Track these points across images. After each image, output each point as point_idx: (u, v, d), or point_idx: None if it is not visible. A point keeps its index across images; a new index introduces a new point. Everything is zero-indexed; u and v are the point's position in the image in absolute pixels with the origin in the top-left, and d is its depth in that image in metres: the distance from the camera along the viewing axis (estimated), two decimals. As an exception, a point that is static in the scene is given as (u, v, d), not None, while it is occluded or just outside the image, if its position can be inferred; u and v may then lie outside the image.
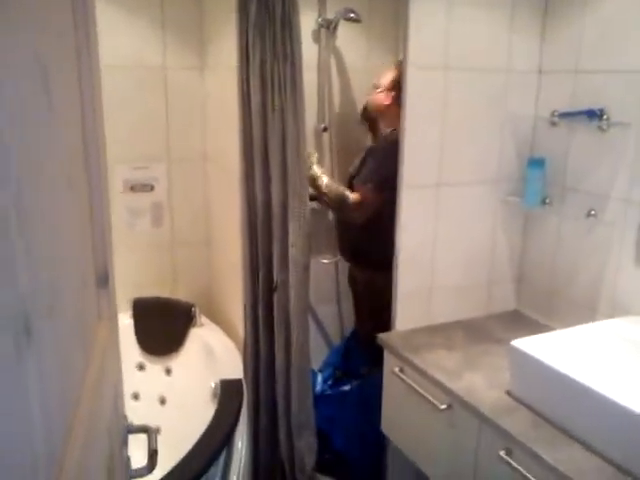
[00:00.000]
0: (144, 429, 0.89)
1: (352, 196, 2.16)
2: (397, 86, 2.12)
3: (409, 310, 1.91)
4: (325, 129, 2.57)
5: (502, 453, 1.38)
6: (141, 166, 2.33)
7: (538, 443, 1.33)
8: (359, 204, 2.14)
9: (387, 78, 2.20)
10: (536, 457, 1.30)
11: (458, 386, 1.57)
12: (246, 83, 1.93)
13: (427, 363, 1.70)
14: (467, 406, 1.51)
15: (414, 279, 1.90)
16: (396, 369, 1.76)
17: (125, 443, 0.87)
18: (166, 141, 2.35)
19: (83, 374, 0.56)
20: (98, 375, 0.63)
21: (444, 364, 1.69)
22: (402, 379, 1.73)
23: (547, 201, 1.86)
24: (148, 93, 2.29)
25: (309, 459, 2.16)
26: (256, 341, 2.11)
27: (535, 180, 1.85)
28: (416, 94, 1.74)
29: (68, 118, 0.55)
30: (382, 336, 1.87)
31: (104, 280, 0.69)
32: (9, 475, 0.34)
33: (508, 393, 1.53)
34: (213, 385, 1.92)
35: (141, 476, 0.83)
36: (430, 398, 1.61)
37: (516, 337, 1.51)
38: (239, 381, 1.91)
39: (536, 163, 1.85)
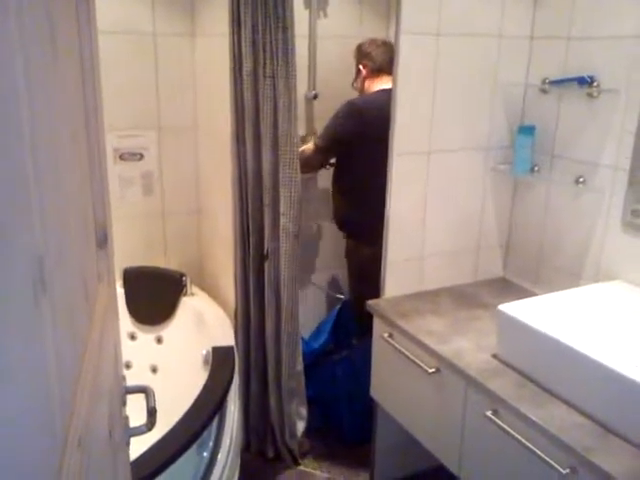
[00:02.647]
0: (142, 389, 0.91)
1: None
2: (357, 63, 2.28)
3: (398, 277, 1.94)
4: (315, 96, 2.56)
5: (489, 413, 1.42)
6: (130, 134, 2.31)
7: (523, 403, 1.37)
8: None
9: (355, 70, 2.31)
10: (521, 416, 1.34)
11: (446, 350, 1.61)
12: (237, 49, 1.92)
13: (416, 328, 1.73)
14: (455, 369, 1.55)
15: (403, 246, 1.92)
16: (385, 334, 1.79)
17: (124, 403, 0.89)
18: (156, 109, 2.33)
19: (87, 330, 0.58)
20: (100, 333, 0.64)
21: (432, 329, 1.73)
22: (391, 344, 1.77)
23: (536, 169, 1.88)
24: (137, 60, 2.26)
25: (299, 425, 2.21)
26: (247, 309, 2.13)
27: (524, 148, 1.86)
28: (408, 61, 1.74)
29: (71, 77, 0.55)
30: (371, 302, 1.90)
31: (103, 241, 0.70)
32: (30, 413, 0.35)
33: (495, 356, 1.57)
34: (204, 352, 1.95)
35: (141, 433, 0.85)
36: (418, 362, 1.65)
37: (503, 302, 1.55)
38: (231, 348, 1.93)
39: (525, 131, 1.86)
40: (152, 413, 0.86)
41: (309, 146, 2.27)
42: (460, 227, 2.00)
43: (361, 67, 2.27)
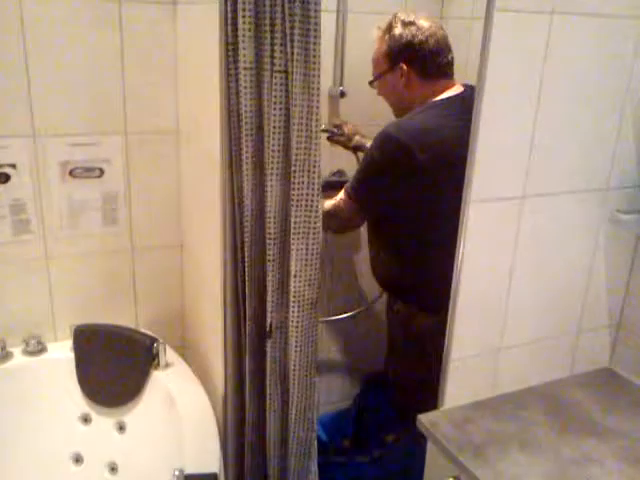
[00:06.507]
0: None
1: (326, 203, 1.59)
2: (392, 58, 1.56)
3: (466, 377, 1.31)
4: (343, 94, 1.91)
5: None
6: (86, 142, 1.66)
7: None
8: (329, 211, 1.58)
9: (376, 59, 1.61)
10: None
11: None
12: (232, 27, 1.25)
13: (497, 478, 1.10)
14: None
15: (477, 333, 1.28)
16: (450, 482, 1.16)
17: None
18: (122, 106, 1.67)
19: None
20: None
21: (526, 484, 1.09)
22: (459, 501, 1.14)
23: (680, 223, 1.23)
24: (96, 35, 1.59)
25: None
26: (241, 401, 1.50)
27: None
28: (504, 58, 1.08)
29: None
30: (424, 420, 1.26)
31: None
32: None
33: None
34: (175, 476, 1.32)
35: None
36: None
37: (622, 420, 0.91)
38: (212, 476, 1.30)
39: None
40: None
41: (340, 196, 1.60)
42: (557, 303, 1.36)
43: (403, 66, 1.53)
